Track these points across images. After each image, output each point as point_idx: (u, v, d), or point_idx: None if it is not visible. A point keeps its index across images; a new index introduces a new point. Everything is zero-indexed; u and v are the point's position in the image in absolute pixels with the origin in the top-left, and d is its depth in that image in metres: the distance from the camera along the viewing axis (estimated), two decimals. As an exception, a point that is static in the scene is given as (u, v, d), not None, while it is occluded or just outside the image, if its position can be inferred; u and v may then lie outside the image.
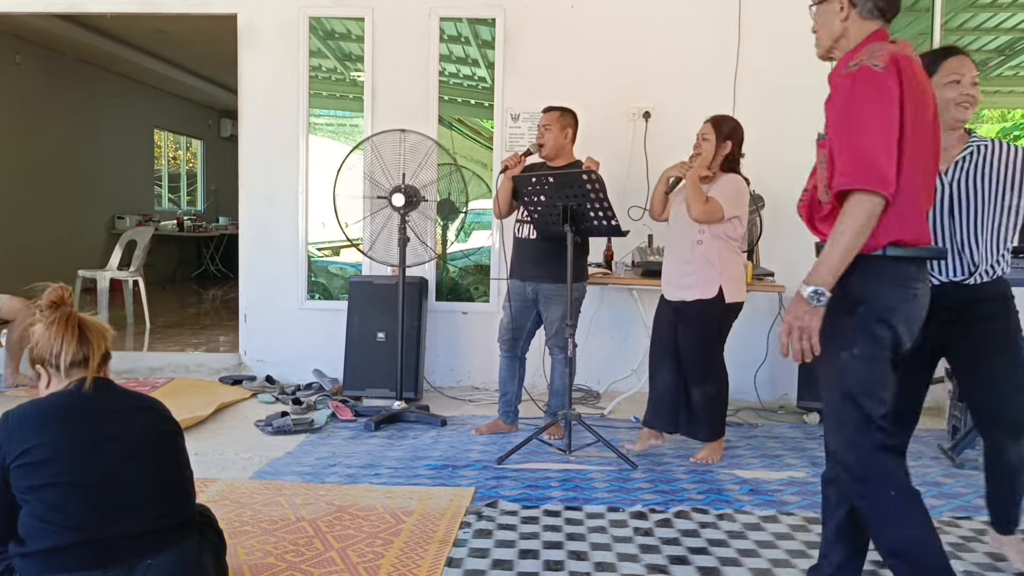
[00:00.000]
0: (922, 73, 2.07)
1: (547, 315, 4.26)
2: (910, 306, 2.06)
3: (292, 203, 5.61)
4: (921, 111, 2.02)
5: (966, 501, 3.43)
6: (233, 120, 11.54)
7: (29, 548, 1.94)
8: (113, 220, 10.04)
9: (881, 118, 1.95)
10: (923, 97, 2.04)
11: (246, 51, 5.60)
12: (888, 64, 1.97)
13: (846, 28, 2.14)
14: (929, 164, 2.10)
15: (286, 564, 2.67)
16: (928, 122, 2.07)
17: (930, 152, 2.10)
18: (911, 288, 2.06)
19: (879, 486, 2.06)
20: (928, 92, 2.08)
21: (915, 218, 2.04)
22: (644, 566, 2.73)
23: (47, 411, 2.02)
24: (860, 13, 2.12)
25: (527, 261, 4.27)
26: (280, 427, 4.37)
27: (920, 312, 2.09)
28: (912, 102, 1.99)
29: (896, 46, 2.06)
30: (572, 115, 4.31)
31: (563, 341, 4.20)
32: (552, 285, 4.18)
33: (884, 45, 2.05)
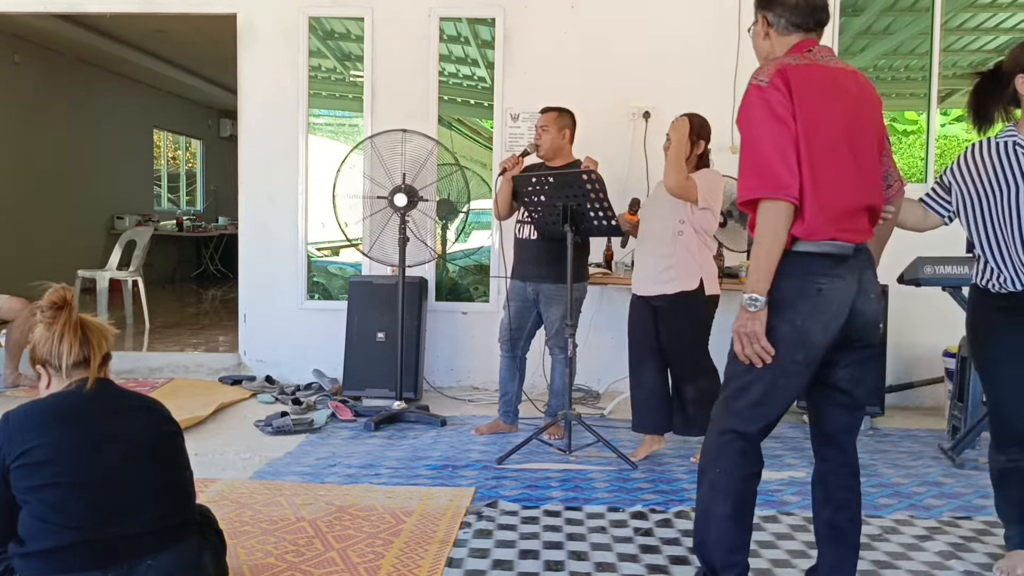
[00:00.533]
0: (829, 77, 2.17)
1: (547, 315, 4.26)
2: (812, 301, 2.12)
3: (292, 203, 5.60)
4: (825, 112, 2.12)
5: (966, 501, 3.44)
6: (233, 120, 11.52)
7: (29, 548, 1.94)
8: (112, 220, 10.04)
9: (768, 129, 2.10)
10: (829, 98, 2.14)
11: (246, 51, 5.60)
12: (772, 78, 2.11)
13: (771, 46, 2.29)
14: (843, 160, 2.15)
15: (286, 564, 2.67)
16: (840, 120, 2.14)
17: (846, 149, 2.16)
18: (814, 283, 2.12)
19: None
20: (836, 94, 2.17)
21: (818, 215, 2.11)
22: (644, 566, 2.73)
23: (47, 411, 2.01)
24: (777, 31, 2.28)
25: (528, 262, 4.27)
26: (280, 427, 4.37)
27: (831, 307, 2.13)
28: (808, 107, 2.10)
29: (791, 58, 2.18)
30: (570, 116, 4.31)
31: (563, 341, 4.19)
32: (553, 285, 4.18)
33: (779, 59, 2.19)
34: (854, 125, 2.18)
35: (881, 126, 2.30)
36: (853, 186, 2.17)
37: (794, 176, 2.07)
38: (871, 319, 2.22)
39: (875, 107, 2.28)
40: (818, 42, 2.27)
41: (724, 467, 2.23)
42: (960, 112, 6.07)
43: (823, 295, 2.12)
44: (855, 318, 2.17)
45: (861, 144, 2.19)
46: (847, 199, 2.16)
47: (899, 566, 2.76)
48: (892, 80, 5.91)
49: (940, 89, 5.43)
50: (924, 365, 5.23)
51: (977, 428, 4.07)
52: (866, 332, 2.23)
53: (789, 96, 2.09)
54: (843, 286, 2.15)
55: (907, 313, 5.02)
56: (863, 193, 2.20)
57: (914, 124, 5.92)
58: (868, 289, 2.20)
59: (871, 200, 2.23)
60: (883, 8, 5.51)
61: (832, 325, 2.14)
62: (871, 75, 5.89)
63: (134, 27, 8.10)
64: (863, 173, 2.20)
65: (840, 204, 2.14)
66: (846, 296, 2.15)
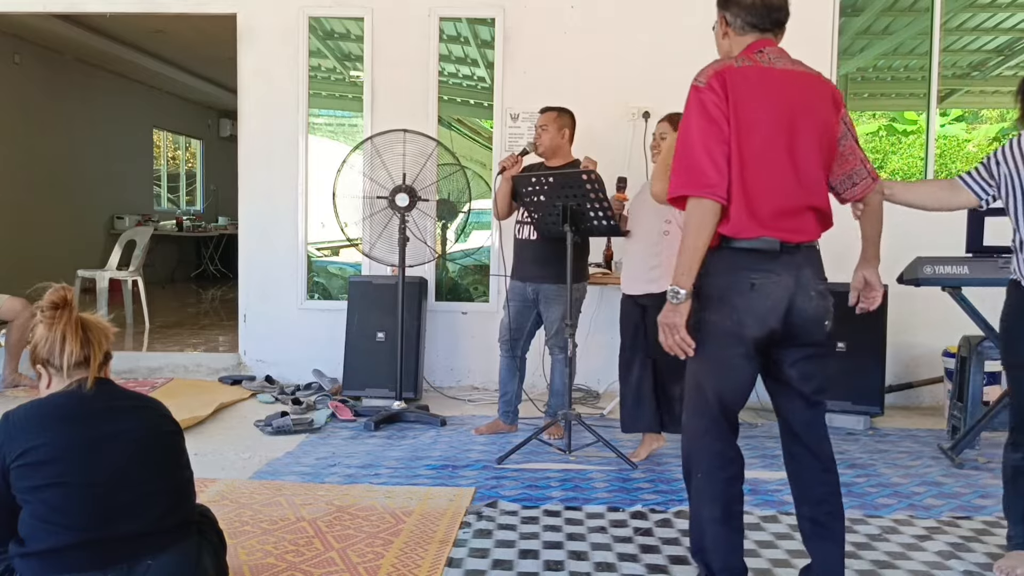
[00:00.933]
0: (770, 79, 2.21)
1: (547, 315, 4.26)
2: (745, 296, 2.18)
3: (291, 203, 5.60)
4: (761, 113, 2.18)
5: (966, 501, 3.44)
6: (232, 120, 11.52)
7: (29, 549, 1.94)
8: (112, 220, 10.04)
9: (699, 129, 2.18)
10: (765, 100, 2.19)
11: (245, 51, 5.60)
12: (710, 79, 2.19)
13: (730, 45, 2.35)
14: (778, 160, 2.20)
15: (286, 564, 2.67)
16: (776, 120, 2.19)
17: (782, 150, 2.20)
18: (747, 278, 2.19)
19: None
20: (774, 96, 2.21)
21: (745, 214, 2.17)
22: (644, 566, 2.73)
23: (48, 411, 2.01)
24: (735, 30, 2.33)
25: (528, 262, 4.27)
26: (280, 427, 4.37)
27: (765, 301, 2.18)
28: (742, 109, 2.16)
29: (735, 60, 2.24)
30: (569, 115, 4.32)
31: (563, 341, 4.20)
32: (553, 286, 4.18)
33: (721, 61, 2.26)
34: (794, 127, 2.21)
35: (833, 128, 2.31)
36: (788, 187, 2.22)
37: (721, 176, 2.15)
38: (812, 316, 2.25)
39: (827, 109, 2.29)
40: (774, 42, 2.32)
41: (704, 469, 2.28)
42: (959, 112, 6.07)
43: (756, 290, 2.19)
44: (794, 315, 2.22)
45: (801, 146, 2.23)
46: (780, 199, 2.21)
47: (899, 566, 2.76)
48: (892, 80, 5.91)
49: (940, 89, 5.43)
50: (924, 365, 5.23)
51: (977, 428, 4.07)
52: (807, 329, 2.25)
53: (725, 98, 2.16)
54: (777, 281, 2.20)
55: (907, 313, 5.02)
56: (800, 194, 2.24)
57: (914, 124, 5.93)
58: (808, 286, 2.24)
59: (811, 201, 2.26)
60: (883, 8, 5.51)
61: (768, 319, 2.20)
62: (871, 75, 5.90)
63: (134, 27, 8.10)
64: (801, 174, 2.23)
65: (771, 204, 2.20)
66: (782, 292, 2.20)
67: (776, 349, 2.26)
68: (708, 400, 2.27)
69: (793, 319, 2.22)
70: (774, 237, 2.19)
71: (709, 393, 2.26)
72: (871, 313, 2.68)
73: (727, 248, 2.21)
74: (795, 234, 2.23)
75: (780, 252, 2.20)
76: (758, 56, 2.25)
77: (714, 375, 2.25)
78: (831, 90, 2.33)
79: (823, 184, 2.31)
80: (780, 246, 2.19)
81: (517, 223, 4.34)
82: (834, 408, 4.67)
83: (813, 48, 5.25)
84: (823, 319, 2.29)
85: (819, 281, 2.29)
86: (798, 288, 2.22)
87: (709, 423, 2.27)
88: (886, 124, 6.89)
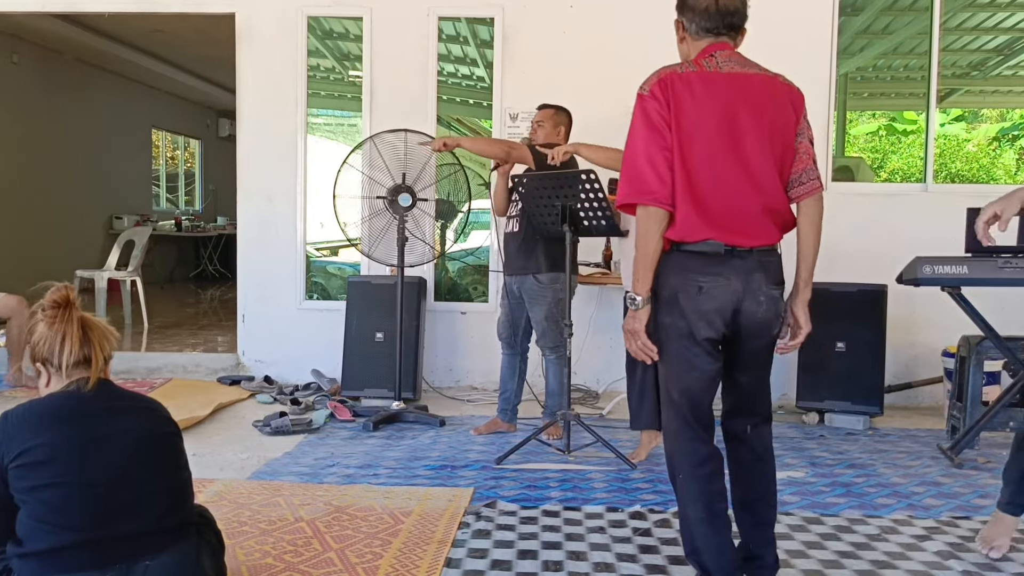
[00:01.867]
0: (713, 84, 2.24)
1: (532, 315, 4.26)
2: (694, 298, 2.23)
3: (290, 203, 5.60)
4: (702, 118, 2.21)
5: (965, 501, 3.43)
6: (231, 120, 11.50)
7: (27, 549, 1.93)
8: (111, 220, 10.03)
9: (643, 138, 2.23)
10: (706, 105, 2.22)
11: (244, 51, 5.59)
12: (653, 87, 2.25)
13: (687, 49, 2.39)
14: (725, 164, 2.22)
15: (284, 564, 2.67)
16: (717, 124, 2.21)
17: (728, 153, 2.23)
18: (695, 281, 2.23)
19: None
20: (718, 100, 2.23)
21: (691, 219, 2.21)
22: (643, 566, 2.73)
23: (47, 411, 2.01)
24: (691, 35, 2.37)
25: (511, 256, 4.29)
26: (278, 427, 4.36)
27: (712, 304, 2.23)
28: (687, 114, 2.20)
29: (679, 65, 2.29)
30: (566, 113, 4.34)
31: (552, 341, 4.20)
32: (533, 281, 4.17)
33: (665, 68, 2.30)
34: (741, 129, 2.23)
35: (789, 128, 2.30)
36: (738, 189, 2.23)
37: (663, 183, 2.19)
38: (761, 320, 2.28)
39: (781, 109, 2.30)
40: (730, 45, 2.34)
41: (684, 470, 2.32)
42: (959, 112, 6.08)
43: (704, 292, 2.23)
44: (743, 317, 2.26)
45: (751, 148, 2.24)
46: (729, 202, 2.23)
47: (898, 566, 2.76)
48: (891, 80, 5.91)
49: (939, 89, 5.43)
50: (923, 365, 5.23)
51: (976, 428, 4.07)
52: (755, 332, 2.29)
53: (667, 105, 2.21)
54: (725, 284, 2.24)
55: (906, 313, 5.02)
56: (753, 196, 2.25)
57: (913, 124, 5.94)
58: (757, 291, 2.26)
59: (766, 202, 2.27)
60: (882, 8, 5.51)
61: (717, 322, 2.24)
62: (870, 75, 5.90)
63: (133, 27, 8.09)
64: (753, 176, 2.25)
65: (720, 207, 2.22)
66: (729, 295, 2.24)
67: (729, 351, 2.32)
68: (676, 401, 2.31)
69: (741, 321, 2.26)
70: (720, 240, 2.22)
71: (675, 393, 2.31)
72: (870, 313, 2.69)
73: (677, 251, 2.26)
74: (747, 238, 2.25)
75: (730, 256, 2.23)
76: (706, 61, 2.28)
77: (676, 375, 2.30)
78: (788, 90, 2.33)
79: (778, 185, 2.30)
80: (725, 249, 2.22)
81: (507, 218, 4.36)
82: (834, 408, 4.68)
83: (812, 47, 5.27)
84: (772, 324, 2.32)
85: (772, 286, 2.30)
86: (747, 292, 2.25)
87: (681, 423, 2.31)
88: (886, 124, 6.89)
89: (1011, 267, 3.86)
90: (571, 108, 4.36)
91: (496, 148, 4.25)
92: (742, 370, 2.36)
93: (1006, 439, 4.40)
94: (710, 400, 2.33)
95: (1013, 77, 5.99)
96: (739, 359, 2.34)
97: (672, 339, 2.28)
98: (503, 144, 4.27)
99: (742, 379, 2.37)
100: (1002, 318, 4.24)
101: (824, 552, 2.86)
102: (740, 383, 2.38)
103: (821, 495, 3.47)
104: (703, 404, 2.31)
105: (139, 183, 11.18)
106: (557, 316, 4.22)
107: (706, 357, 2.27)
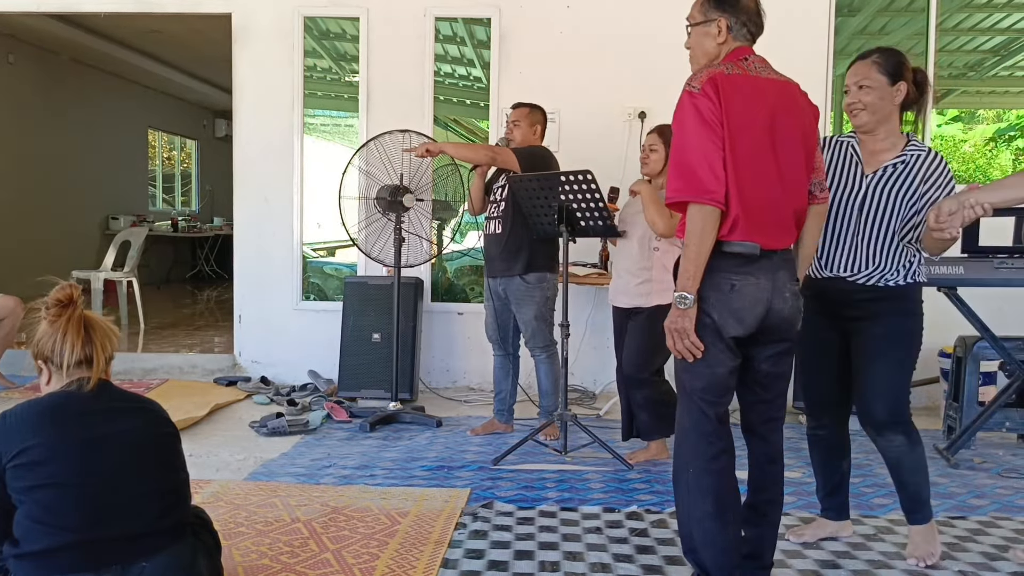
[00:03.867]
0: (757, 87, 2.26)
1: (520, 316, 4.25)
2: (726, 296, 2.25)
3: (287, 203, 5.59)
4: (749, 120, 2.22)
5: (961, 501, 3.44)
6: (228, 120, 11.49)
7: (24, 549, 1.93)
8: (107, 221, 10.01)
9: (697, 135, 2.20)
10: (752, 108, 2.23)
11: (240, 51, 5.59)
12: (704, 85, 2.21)
13: (720, 49, 2.35)
14: (766, 167, 2.26)
15: (281, 565, 2.66)
16: (761, 128, 2.24)
17: (769, 156, 2.26)
18: (728, 280, 2.25)
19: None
20: (761, 103, 2.25)
21: (740, 218, 2.22)
22: (640, 567, 2.73)
23: (45, 411, 2.00)
24: (735, 36, 2.35)
25: (493, 258, 4.29)
26: (275, 428, 4.36)
27: (744, 302, 2.25)
28: (736, 115, 2.20)
29: (724, 66, 2.27)
30: (541, 112, 4.36)
31: (542, 341, 4.20)
32: (519, 281, 4.17)
33: (711, 67, 2.27)
34: (778, 134, 2.27)
35: (812, 138, 2.38)
36: (775, 193, 2.28)
37: (720, 181, 2.18)
38: (787, 317, 2.33)
39: (806, 119, 2.37)
40: (754, 50, 2.37)
41: (695, 465, 2.32)
42: (956, 112, 6.09)
43: (736, 291, 2.25)
44: (771, 315, 2.29)
45: (785, 152, 2.29)
46: (768, 205, 2.27)
47: (894, 566, 2.76)
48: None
49: (936, 89, 5.43)
50: (920, 365, 5.21)
51: (972, 428, 4.07)
52: (781, 328, 2.34)
53: (719, 103, 2.19)
54: (755, 283, 2.27)
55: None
56: (785, 199, 2.31)
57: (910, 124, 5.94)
58: (783, 288, 2.31)
59: (794, 205, 2.35)
60: (879, 8, 5.52)
61: (748, 320, 2.26)
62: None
63: (129, 27, 8.08)
64: (786, 180, 2.30)
65: (761, 209, 2.25)
66: (760, 293, 2.27)
67: (751, 347, 2.34)
68: (697, 395, 2.31)
69: (770, 319, 2.30)
70: (756, 242, 2.24)
71: (698, 388, 2.31)
72: None
73: (718, 251, 2.25)
74: (777, 240, 2.30)
75: (759, 256, 2.26)
76: (744, 64, 2.29)
77: (699, 371, 2.30)
78: (808, 99, 2.41)
79: (806, 191, 2.40)
80: (760, 251, 2.25)
81: (486, 219, 4.36)
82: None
83: (809, 48, 5.28)
84: (796, 319, 2.37)
85: (793, 282, 2.36)
86: (774, 290, 2.29)
87: (700, 416, 2.32)
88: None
89: (1007, 267, 3.87)
90: (567, 108, 4.37)
91: (481, 154, 4.26)
92: (764, 369, 2.37)
93: (1002, 440, 4.42)
94: (728, 397, 2.35)
95: (1010, 78, 6.00)
96: (763, 357, 2.36)
97: (698, 336, 2.27)
98: (488, 150, 4.28)
99: (764, 377, 2.38)
100: (998, 319, 4.24)
101: (820, 552, 2.87)
102: (761, 382, 2.39)
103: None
104: (724, 399, 2.33)
105: (135, 184, 11.16)
106: (546, 315, 4.21)
107: (728, 353, 2.29)
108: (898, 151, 2.74)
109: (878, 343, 2.70)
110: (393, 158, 4.72)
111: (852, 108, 2.74)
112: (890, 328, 2.70)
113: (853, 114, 2.75)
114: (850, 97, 2.75)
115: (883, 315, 2.70)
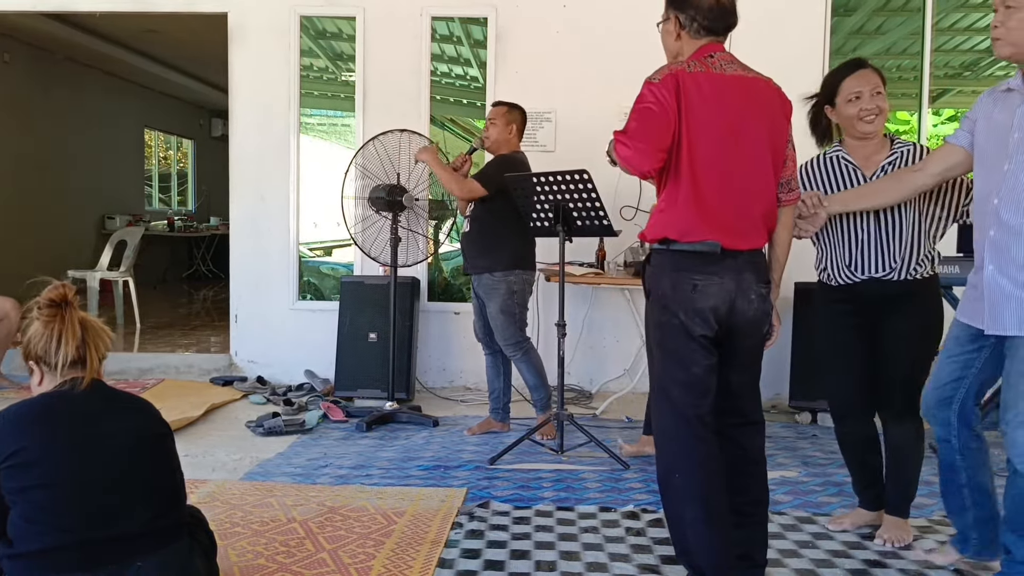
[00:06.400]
0: (720, 85, 2.25)
1: (488, 311, 4.26)
2: (689, 296, 2.26)
3: (283, 203, 5.58)
4: (709, 119, 2.21)
5: (957, 500, 3.43)
6: (224, 120, 11.47)
7: (18, 550, 1.92)
8: (103, 220, 9.98)
9: (649, 106, 2.20)
10: (714, 106, 2.22)
11: (237, 50, 5.58)
12: (665, 78, 2.21)
13: (681, 46, 2.38)
14: (727, 167, 2.25)
15: (277, 565, 2.66)
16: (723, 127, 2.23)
17: (731, 155, 2.25)
18: (690, 279, 2.26)
19: None
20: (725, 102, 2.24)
21: (694, 217, 2.23)
22: (636, 566, 2.73)
23: (39, 412, 2.00)
24: (689, 33, 2.35)
25: (467, 256, 4.33)
26: (271, 428, 4.35)
27: (707, 302, 2.26)
28: (695, 114, 2.20)
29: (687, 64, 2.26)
30: (519, 111, 4.37)
31: (511, 338, 4.20)
32: (488, 275, 4.20)
33: (674, 64, 2.28)
34: (744, 133, 2.26)
35: (783, 133, 2.36)
36: (738, 192, 2.27)
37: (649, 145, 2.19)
38: (751, 319, 2.33)
39: (774, 116, 2.34)
40: (723, 47, 2.36)
41: (684, 469, 2.30)
42: (951, 112, 6.09)
43: (699, 291, 2.26)
44: (735, 315, 2.30)
45: (751, 152, 2.28)
46: (729, 204, 2.26)
47: (890, 565, 2.76)
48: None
49: (931, 89, 5.44)
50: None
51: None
52: (745, 330, 2.34)
53: (675, 99, 2.19)
54: (719, 283, 2.27)
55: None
56: (749, 199, 2.30)
57: (906, 124, 5.94)
58: (748, 290, 2.31)
59: (761, 206, 2.33)
60: (875, 8, 5.52)
61: (711, 319, 2.27)
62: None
63: (125, 26, 8.06)
64: (751, 180, 2.29)
65: (721, 209, 2.24)
66: (723, 293, 2.27)
67: (721, 349, 2.33)
68: (675, 399, 2.31)
69: (734, 320, 2.30)
70: (718, 241, 2.23)
71: (675, 391, 2.31)
72: None
73: (671, 250, 2.28)
74: (743, 240, 2.29)
75: (723, 256, 2.25)
76: (708, 61, 2.28)
77: (674, 373, 2.31)
78: (779, 95, 2.38)
79: (774, 190, 2.37)
80: (721, 250, 2.24)
81: (464, 218, 4.39)
82: (827, 408, 4.67)
83: (805, 48, 5.28)
84: (762, 322, 2.36)
85: (761, 285, 2.34)
86: (739, 291, 2.28)
87: (680, 422, 2.31)
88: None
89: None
90: (564, 108, 4.37)
91: (454, 186, 4.27)
92: (732, 371, 2.36)
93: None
94: (711, 398, 2.32)
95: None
96: (729, 359, 2.35)
97: (668, 337, 2.30)
98: (459, 184, 4.24)
99: (732, 380, 2.38)
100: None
101: (816, 551, 2.87)
102: (730, 384, 2.38)
103: (814, 494, 3.47)
104: (704, 400, 2.31)
105: (131, 183, 11.13)
106: (512, 309, 4.19)
107: (703, 352, 2.28)
108: (888, 150, 2.83)
109: (910, 333, 2.79)
110: (392, 158, 4.72)
111: (868, 114, 2.77)
112: (920, 322, 2.79)
113: (868, 120, 2.78)
114: (865, 103, 2.77)
115: (913, 307, 2.79)
